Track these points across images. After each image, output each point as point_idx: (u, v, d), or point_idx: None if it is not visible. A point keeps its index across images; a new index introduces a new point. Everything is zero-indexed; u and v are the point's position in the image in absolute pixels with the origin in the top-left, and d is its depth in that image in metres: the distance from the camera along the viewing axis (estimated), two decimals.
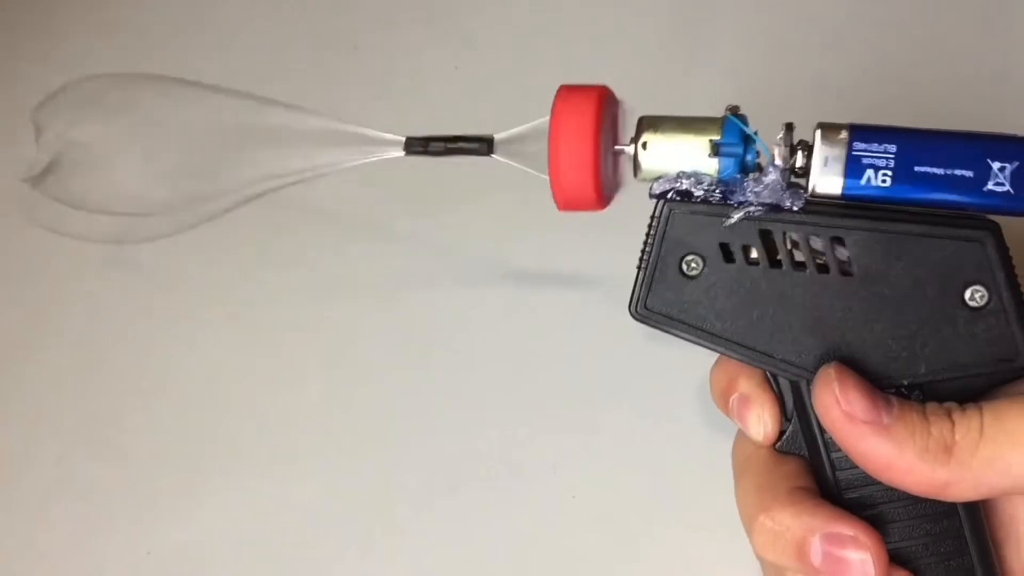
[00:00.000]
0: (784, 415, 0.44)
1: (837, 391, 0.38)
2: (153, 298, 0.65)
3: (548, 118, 0.42)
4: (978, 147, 0.38)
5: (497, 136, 0.47)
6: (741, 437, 0.46)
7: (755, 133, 0.40)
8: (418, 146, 0.48)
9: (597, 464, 0.57)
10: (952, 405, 0.38)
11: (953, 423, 0.37)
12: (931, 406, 0.38)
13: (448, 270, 0.65)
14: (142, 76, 0.55)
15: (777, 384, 0.44)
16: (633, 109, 0.44)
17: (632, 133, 0.42)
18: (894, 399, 0.38)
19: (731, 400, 0.45)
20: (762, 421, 0.44)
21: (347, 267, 0.65)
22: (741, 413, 0.44)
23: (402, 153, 0.48)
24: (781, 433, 0.44)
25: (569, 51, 0.69)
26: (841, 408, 0.38)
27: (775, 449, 0.44)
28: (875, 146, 0.38)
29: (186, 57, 0.72)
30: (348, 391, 0.61)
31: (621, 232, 0.45)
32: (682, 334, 0.42)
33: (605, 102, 0.42)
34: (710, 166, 0.40)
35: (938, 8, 0.68)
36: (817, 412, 0.39)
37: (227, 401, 0.61)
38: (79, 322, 0.65)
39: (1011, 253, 0.40)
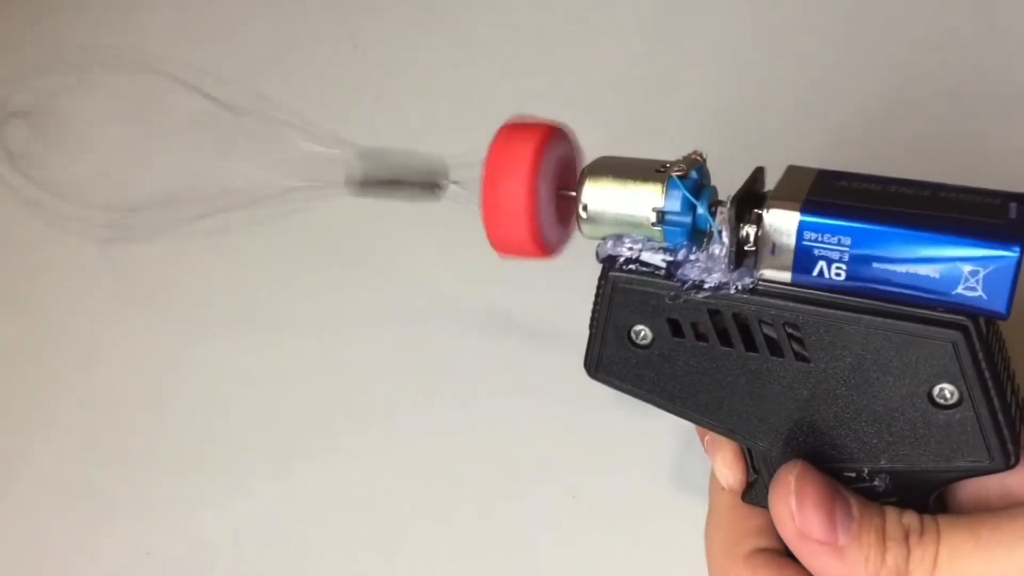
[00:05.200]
0: (752, 466, 0.42)
1: (794, 506, 0.36)
2: (153, 299, 0.65)
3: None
4: (948, 246, 0.33)
5: (453, 162, 0.44)
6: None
7: (705, 196, 0.37)
8: (360, 188, 0.45)
9: (597, 464, 0.57)
10: (912, 522, 0.36)
11: (909, 551, 0.35)
12: (891, 523, 0.36)
13: (447, 269, 0.65)
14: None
15: None
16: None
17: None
18: (855, 505, 0.37)
19: (706, 439, 0.44)
20: (729, 470, 0.43)
21: (345, 272, 0.65)
22: (712, 456, 0.44)
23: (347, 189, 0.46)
24: (750, 485, 0.43)
25: (568, 50, 0.69)
26: (796, 525, 0.36)
27: (743, 500, 0.43)
28: (827, 236, 0.34)
29: (185, 55, 0.71)
30: (348, 391, 0.61)
31: None
32: (639, 397, 0.40)
33: (550, 141, 0.38)
34: (656, 232, 0.37)
35: (936, 8, 0.67)
36: (773, 519, 0.38)
37: (227, 401, 0.61)
38: (79, 322, 0.65)
39: (993, 339, 0.36)
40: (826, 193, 0.35)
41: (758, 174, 0.38)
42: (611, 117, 0.67)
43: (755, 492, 0.42)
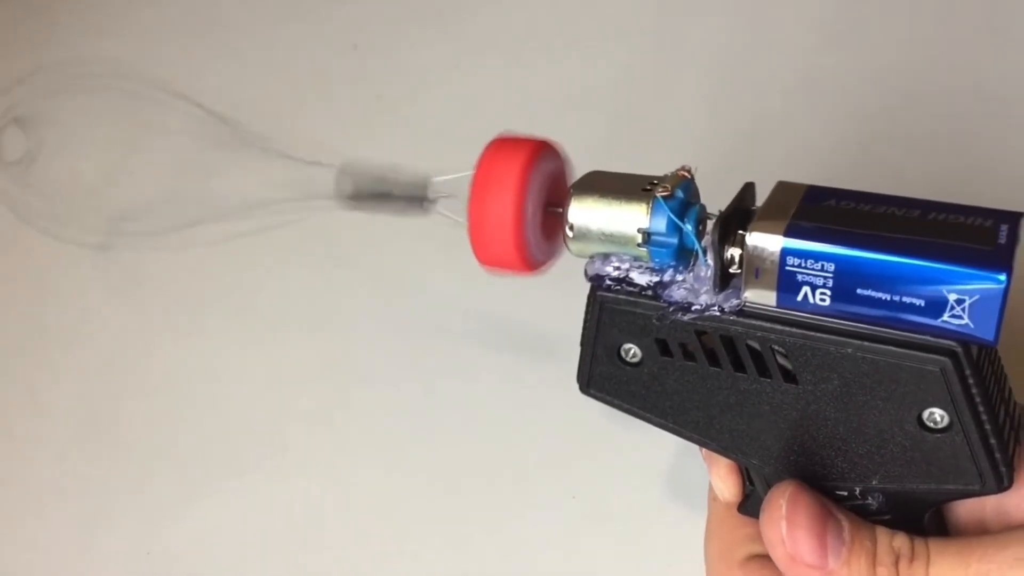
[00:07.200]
0: (748, 479, 0.42)
1: (784, 531, 0.36)
2: (154, 299, 0.65)
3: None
4: (933, 274, 0.32)
5: (437, 179, 0.44)
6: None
7: (692, 215, 0.36)
8: (349, 202, 0.45)
9: (597, 465, 0.57)
10: (903, 547, 0.36)
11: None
12: (882, 546, 0.36)
13: (446, 273, 0.65)
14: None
15: None
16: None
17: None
18: (847, 528, 0.37)
19: (703, 451, 0.44)
20: (724, 483, 0.43)
21: (344, 277, 0.64)
22: (708, 467, 0.44)
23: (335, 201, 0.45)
24: (746, 497, 0.43)
25: (568, 50, 0.68)
26: (786, 549, 0.36)
27: (738, 511, 0.43)
28: (811, 263, 0.33)
29: (185, 55, 0.71)
30: (348, 392, 0.61)
31: None
32: (632, 414, 0.40)
33: (538, 158, 0.38)
34: (642, 252, 0.36)
35: (935, 10, 0.66)
36: (763, 541, 0.38)
37: (227, 401, 0.61)
38: (79, 322, 0.65)
39: (985, 359, 0.35)
40: (811, 216, 0.34)
41: (747, 190, 0.37)
42: (609, 119, 0.67)
43: (750, 504, 0.42)
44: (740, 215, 0.36)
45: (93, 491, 0.59)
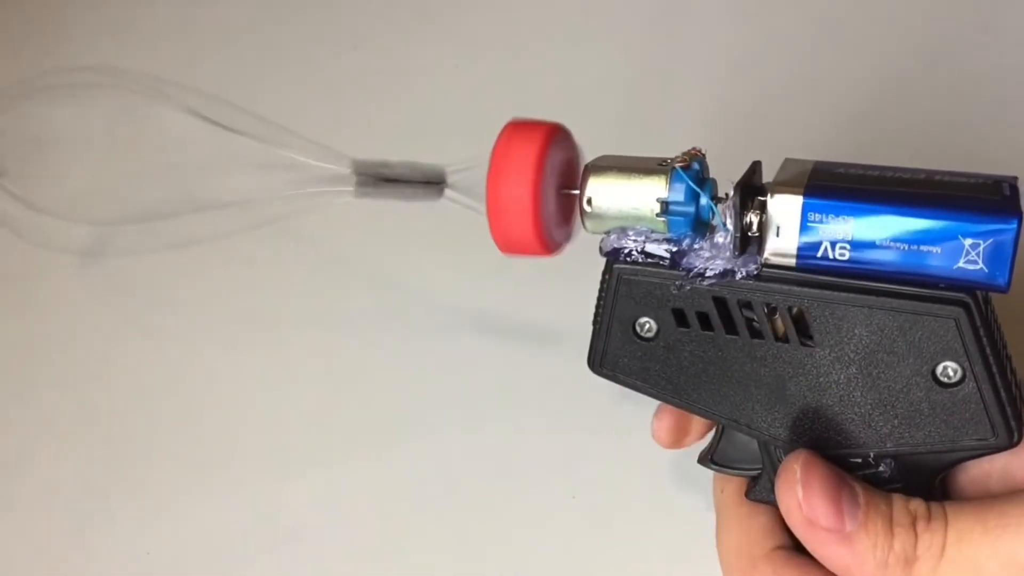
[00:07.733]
0: (763, 459, 0.42)
1: (800, 495, 0.37)
2: (152, 299, 0.65)
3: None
4: (948, 221, 0.33)
5: (450, 169, 0.45)
6: (718, 477, 0.46)
7: (708, 188, 0.37)
8: (367, 181, 0.46)
9: (597, 464, 0.57)
10: (919, 509, 0.37)
11: (917, 537, 0.36)
12: (898, 509, 0.37)
13: (445, 273, 0.65)
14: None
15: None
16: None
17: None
18: (861, 493, 0.37)
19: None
20: (662, 424, 0.45)
21: (342, 278, 0.65)
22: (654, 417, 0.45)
23: (350, 187, 0.47)
24: (754, 480, 0.43)
25: (568, 49, 0.69)
26: (803, 513, 0.37)
27: (747, 497, 0.43)
28: (831, 217, 0.34)
29: (184, 55, 0.71)
30: (346, 392, 0.61)
31: None
32: (644, 391, 0.41)
33: (553, 141, 0.39)
34: (660, 223, 0.38)
35: (931, 4, 0.68)
36: (780, 509, 0.38)
37: (227, 401, 0.61)
38: (77, 322, 0.65)
39: (992, 320, 0.36)
40: (826, 178, 0.36)
41: (756, 167, 0.39)
42: (609, 116, 0.68)
43: (759, 489, 0.42)
44: (752, 188, 0.37)
45: (93, 491, 0.58)
